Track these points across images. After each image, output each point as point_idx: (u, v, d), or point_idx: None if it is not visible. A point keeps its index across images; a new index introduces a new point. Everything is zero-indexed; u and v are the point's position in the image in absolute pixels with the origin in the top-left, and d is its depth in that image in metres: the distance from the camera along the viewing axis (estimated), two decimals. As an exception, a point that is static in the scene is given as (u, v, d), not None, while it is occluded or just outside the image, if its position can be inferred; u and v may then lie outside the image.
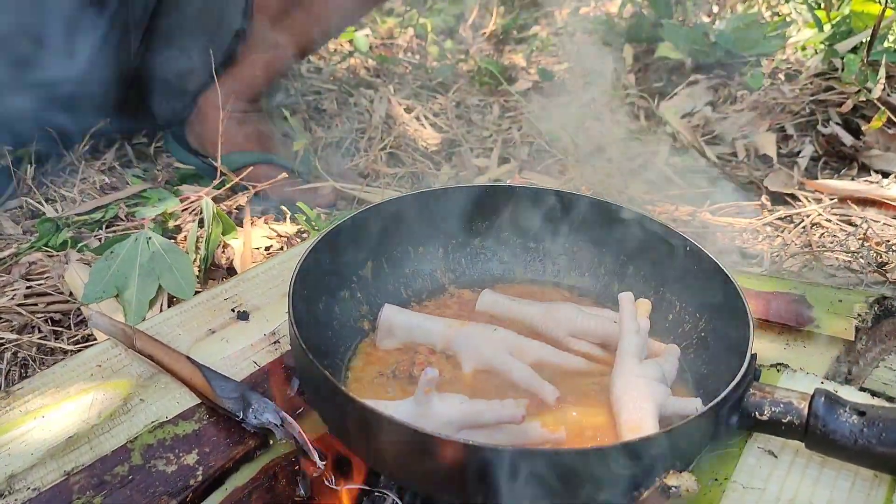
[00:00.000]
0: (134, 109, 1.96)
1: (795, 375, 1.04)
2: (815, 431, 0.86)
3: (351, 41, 2.56)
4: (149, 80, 1.91)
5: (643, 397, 0.94)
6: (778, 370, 1.05)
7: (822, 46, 2.48)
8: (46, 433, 0.99)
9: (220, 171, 1.78)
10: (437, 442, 0.79)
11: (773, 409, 0.88)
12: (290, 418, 0.98)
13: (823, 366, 1.08)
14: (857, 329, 1.13)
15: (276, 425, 0.99)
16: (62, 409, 1.02)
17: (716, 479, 0.89)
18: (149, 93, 1.93)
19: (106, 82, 1.82)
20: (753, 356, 0.91)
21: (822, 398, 0.86)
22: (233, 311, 1.19)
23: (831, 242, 1.79)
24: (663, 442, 0.81)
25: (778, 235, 1.82)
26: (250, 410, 1.00)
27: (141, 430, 0.99)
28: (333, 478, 0.95)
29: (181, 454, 0.97)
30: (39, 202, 1.78)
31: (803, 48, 2.60)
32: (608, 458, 0.79)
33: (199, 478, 0.94)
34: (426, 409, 0.90)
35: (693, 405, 0.93)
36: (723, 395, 0.86)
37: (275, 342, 1.14)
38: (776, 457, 0.91)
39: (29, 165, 1.85)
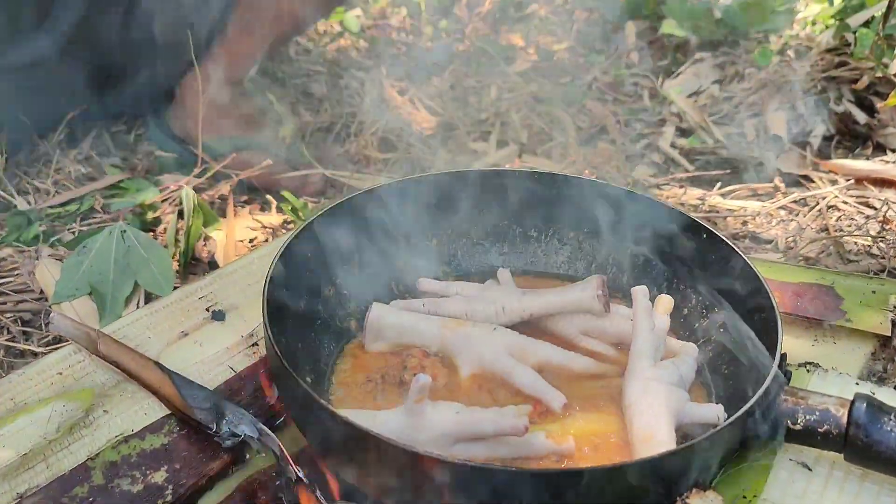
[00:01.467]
0: (114, 93, 1.85)
1: (827, 376, 0.94)
2: (855, 442, 0.76)
3: (341, 21, 2.46)
4: (130, 61, 1.81)
5: (658, 403, 0.85)
6: (808, 370, 0.95)
7: (832, 21, 2.38)
8: (-1, 450, 0.89)
9: (202, 159, 1.69)
10: (430, 462, 0.70)
11: (807, 417, 0.78)
12: (268, 430, 0.89)
13: (857, 364, 0.98)
14: (894, 323, 1.03)
15: (254, 438, 0.89)
16: (17, 423, 0.93)
17: (744, 497, 0.79)
18: (129, 74, 1.83)
19: (85, 62, 1.73)
20: (783, 357, 0.82)
21: (864, 405, 0.77)
22: (207, 310, 1.10)
23: (849, 226, 1.69)
24: (686, 457, 0.72)
25: (792, 219, 1.72)
26: (224, 422, 0.90)
27: (104, 446, 0.90)
28: (321, 496, 0.86)
29: (148, 472, 0.88)
30: (11, 194, 1.69)
31: (813, 23, 2.50)
32: (623, 478, 0.70)
33: (169, 498, 0.85)
34: (418, 419, 0.81)
35: (714, 412, 0.84)
36: (751, 402, 0.76)
37: (253, 345, 1.04)
38: (811, 470, 0.82)
39: (1, 156, 1.75)
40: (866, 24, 2.17)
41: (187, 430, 0.92)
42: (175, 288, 1.32)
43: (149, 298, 1.34)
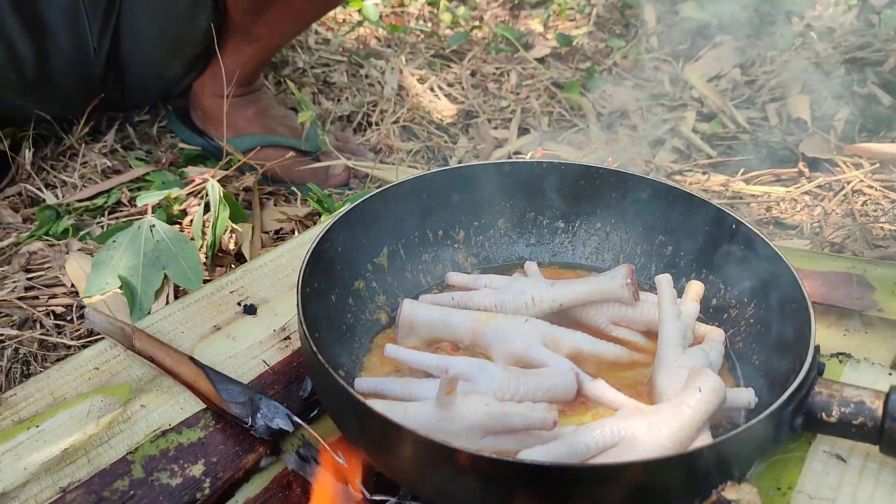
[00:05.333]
0: (126, 86, 1.83)
1: (860, 366, 0.94)
2: (892, 434, 0.76)
3: (360, 10, 2.45)
4: (123, 71, 1.78)
5: (689, 392, 0.85)
6: (840, 360, 0.95)
7: (854, 2, 2.35)
8: (41, 445, 0.91)
9: (226, 152, 1.69)
10: (462, 457, 0.71)
11: (842, 409, 0.78)
12: (304, 424, 0.90)
13: (889, 354, 0.98)
14: (926, 312, 1.03)
15: (289, 432, 0.91)
16: (58, 417, 0.94)
17: (778, 489, 0.80)
18: (126, 84, 1.81)
19: (74, 70, 1.69)
20: (817, 348, 0.82)
21: (899, 397, 0.77)
22: (239, 304, 1.11)
23: (875, 210, 1.68)
24: (720, 451, 0.72)
25: (817, 204, 1.71)
26: (259, 415, 0.92)
27: (142, 440, 0.91)
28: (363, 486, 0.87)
29: (186, 465, 0.89)
30: (39, 188, 1.70)
31: (835, 4, 2.47)
32: (657, 472, 0.71)
33: (207, 491, 0.87)
34: (448, 412, 0.82)
35: (746, 396, 0.84)
36: (787, 394, 0.76)
37: (285, 338, 1.05)
38: (845, 461, 0.82)
39: (27, 150, 1.76)
40: (891, 3, 2.14)
41: (223, 424, 0.93)
42: (204, 281, 1.34)
43: (177, 292, 1.35)
